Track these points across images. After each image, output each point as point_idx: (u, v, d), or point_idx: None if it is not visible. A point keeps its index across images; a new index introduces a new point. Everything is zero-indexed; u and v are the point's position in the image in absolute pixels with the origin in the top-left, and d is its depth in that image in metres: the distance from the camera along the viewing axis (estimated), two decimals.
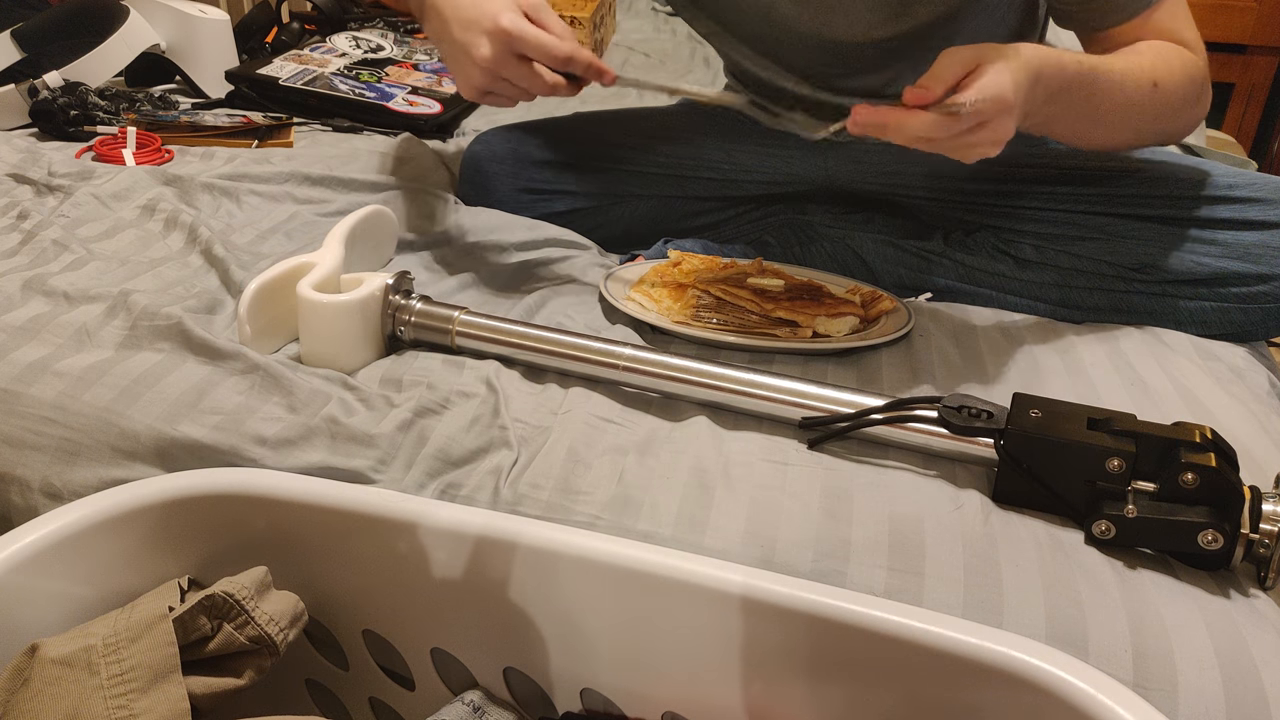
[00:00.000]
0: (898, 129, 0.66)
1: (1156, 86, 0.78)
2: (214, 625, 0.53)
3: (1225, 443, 0.60)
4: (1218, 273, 0.84)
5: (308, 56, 1.44)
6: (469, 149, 1.07)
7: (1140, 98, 0.78)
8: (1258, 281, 0.83)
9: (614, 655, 0.58)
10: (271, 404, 0.69)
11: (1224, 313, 0.85)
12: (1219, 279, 0.84)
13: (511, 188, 1.04)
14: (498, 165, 1.05)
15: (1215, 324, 0.86)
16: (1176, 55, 0.80)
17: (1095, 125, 0.79)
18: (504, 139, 1.05)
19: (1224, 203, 0.86)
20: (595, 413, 0.70)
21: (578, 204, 1.04)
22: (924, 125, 0.66)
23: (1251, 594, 0.58)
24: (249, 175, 1.08)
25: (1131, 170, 0.91)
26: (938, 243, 0.96)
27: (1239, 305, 0.84)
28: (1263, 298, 0.84)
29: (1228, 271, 0.84)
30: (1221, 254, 0.85)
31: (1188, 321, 0.86)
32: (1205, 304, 0.85)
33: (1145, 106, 0.79)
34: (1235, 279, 0.84)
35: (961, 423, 0.64)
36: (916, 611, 0.52)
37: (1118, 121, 0.79)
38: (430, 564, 0.59)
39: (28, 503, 0.67)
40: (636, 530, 0.61)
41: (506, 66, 0.74)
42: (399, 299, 0.77)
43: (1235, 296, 0.84)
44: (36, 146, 1.16)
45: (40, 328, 0.76)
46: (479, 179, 1.05)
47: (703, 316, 0.83)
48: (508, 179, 1.04)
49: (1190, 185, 0.88)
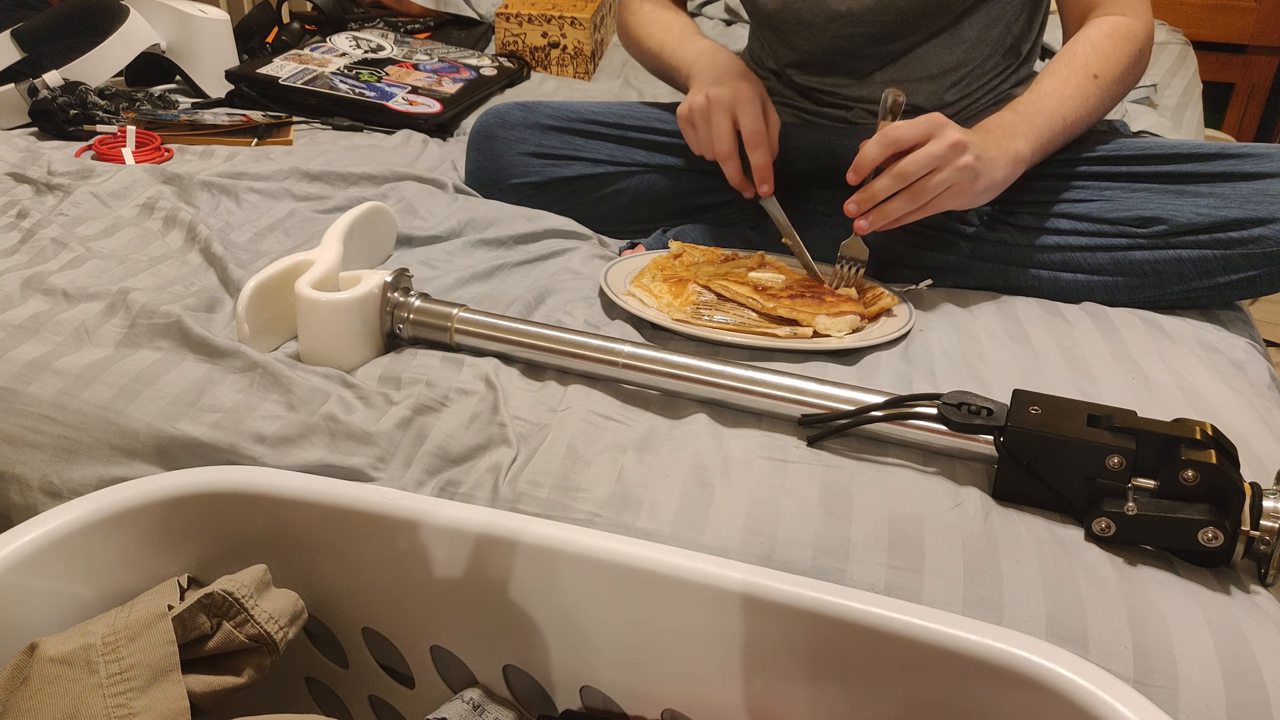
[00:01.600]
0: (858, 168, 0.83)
1: (1097, 77, 0.90)
2: (213, 623, 0.53)
3: (1226, 439, 0.60)
4: (1218, 220, 0.86)
5: (308, 56, 1.44)
6: (480, 118, 1.09)
7: (1090, 94, 0.90)
8: (1257, 225, 0.85)
9: (614, 653, 0.58)
10: (270, 402, 0.69)
11: (1227, 260, 0.86)
12: (1219, 225, 0.86)
13: (519, 152, 1.05)
14: (508, 131, 1.06)
15: (1219, 271, 0.86)
16: (1108, 37, 0.92)
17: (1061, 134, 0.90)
18: (516, 107, 1.07)
19: (1220, 158, 0.89)
20: (594, 410, 0.70)
21: (585, 170, 1.04)
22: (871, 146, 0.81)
23: (1252, 590, 0.58)
24: (248, 173, 1.08)
25: (1125, 141, 0.94)
26: (938, 217, 0.96)
27: (1241, 251, 0.85)
28: (1264, 241, 0.85)
29: (1228, 218, 0.85)
30: (1220, 204, 0.86)
31: (1191, 273, 0.87)
32: (1208, 252, 0.86)
33: (1095, 96, 0.91)
34: (1235, 224, 0.85)
35: (961, 420, 0.64)
36: (916, 609, 0.51)
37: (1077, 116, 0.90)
38: (430, 562, 0.59)
39: (27, 501, 0.67)
40: (636, 527, 0.61)
41: (720, 114, 0.91)
42: (397, 296, 0.77)
43: (1236, 242, 0.85)
44: (36, 146, 1.16)
45: (39, 326, 0.76)
46: (488, 144, 1.06)
47: (703, 314, 0.83)
48: (516, 144, 1.05)
49: (1185, 146, 0.91)
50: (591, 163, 1.04)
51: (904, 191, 0.81)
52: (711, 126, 0.91)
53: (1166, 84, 1.55)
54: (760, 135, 0.90)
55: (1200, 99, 1.55)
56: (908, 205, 0.82)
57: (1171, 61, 1.63)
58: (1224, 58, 2.26)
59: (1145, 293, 0.89)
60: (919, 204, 0.82)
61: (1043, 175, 0.93)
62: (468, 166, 1.09)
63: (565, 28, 1.58)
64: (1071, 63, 0.91)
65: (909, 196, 0.81)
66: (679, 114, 0.95)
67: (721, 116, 0.91)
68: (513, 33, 1.61)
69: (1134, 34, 0.93)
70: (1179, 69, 1.61)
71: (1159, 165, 0.90)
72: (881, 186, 0.81)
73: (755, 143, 0.90)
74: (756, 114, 0.91)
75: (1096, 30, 0.93)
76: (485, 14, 1.79)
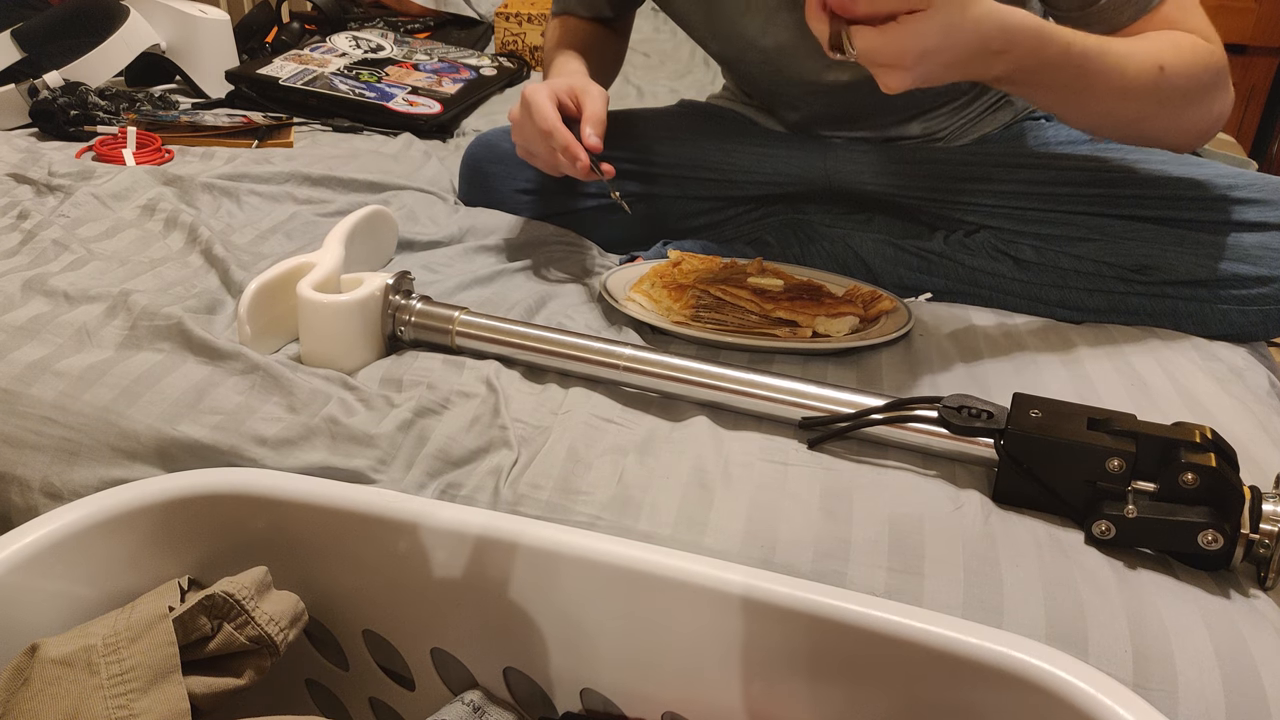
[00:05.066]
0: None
1: (1163, 70, 0.73)
2: (214, 625, 0.53)
3: (1225, 443, 0.60)
4: (1217, 275, 0.84)
5: (308, 56, 1.44)
6: (468, 150, 1.07)
7: (1144, 80, 0.74)
8: (1257, 284, 0.83)
9: (614, 655, 0.58)
10: (271, 404, 0.69)
11: (1223, 315, 0.85)
12: (1218, 281, 0.84)
13: (512, 189, 1.04)
14: (497, 166, 1.05)
15: (1215, 325, 0.85)
16: (1188, 40, 0.76)
17: (1090, 102, 0.75)
18: (504, 139, 1.05)
19: (1223, 204, 0.86)
20: (595, 413, 0.70)
21: (578, 205, 1.04)
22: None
23: (1252, 594, 0.58)
24: (249, 175, 1.08)
25: (1131, 171, 0.91)
26: (938, 243, 0.96)
27: (1238, 307, 0.84)
28: (1263, 300, 0.83)
29: (1227, 274, 0.84)
30: (1221, 256, 0.84)
31: (1187, 323, 0.86)
32: (1204, 305, 0.85)
33: (1149, 90, 0.74)
34: (1235, 281, 0.84)
35: (961, 423, 0.64)
36: (916, 611, 0.52)
37: (1115, 103, 0.75)
38: (430, 564, 0.59)
39: (28, 502, 0.67)
40: (636, 530, 0.61)
41: (521, 126, 0.89)
42: (399, 299, 0.77)
43: (1235, 299, 0.84)
44: (36, 146, 1.16)
45: (40, 327, 0.76)
46: (479, 179, 1.05)
47: (702, 316, 0.83)
48: (508, 179, 1.04)
49: (1189, 186, 0.88)
50: (583, 196, 1.04)
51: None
52: (524, 139, 0.90)
53: None
54: (549, 125, 0.86)
55: None
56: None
57: None
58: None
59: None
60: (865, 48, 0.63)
61: (1045, 205, 0.92)
62: (460, 193, 1.09)
63: None
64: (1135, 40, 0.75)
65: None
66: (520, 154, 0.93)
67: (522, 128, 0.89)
68: (512, 32, 1.61)
69: (1207, 52, 0.77)
70: None
71: (1162, 210, 0.88)
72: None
73: (547, 132, 0.86)
74: (543, 108, 0.86)
75: (1178, 34, 0.77)
76: (485, 14, 1.79)
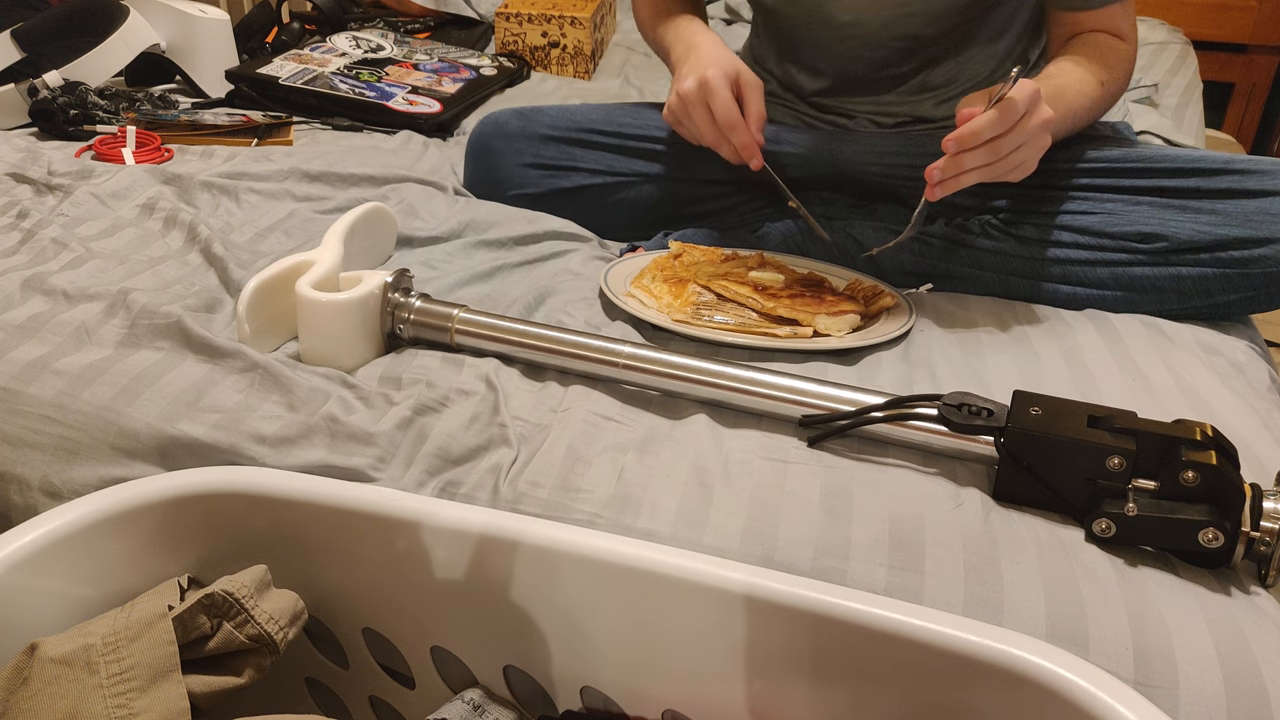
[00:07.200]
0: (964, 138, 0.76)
1: (1103, 84, 0.91)
2: (214, 624, 0.53)
3: (1226, 440, 0.60)
4: (1219, 239, 0.85)
5: (308, 56, 1.44)
6: (477, 126, 1.08)
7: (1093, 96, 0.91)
8: (1258, 245, 0.84)
9: (614, 653, 0.58)
10: (271, 402, 0.69)
11: (1226, 279, 0.86)
12: (1220, 244, 0.85)
13: (518, 163, 1.05)
14: (505, 142, 1.05)
15: (1218, 291, 0.86)
16: (1110, 48, 0.93)
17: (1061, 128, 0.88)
18: (513, 116, 1.06)
19: (1222, 174, 0.88)
20: (595, 410, 0.70)
21: (584, 181, 1.04)
22: (987, 120, 0.75)
23: (1252, 591, 0.58)
24: (248, 173, 1.08)
25: (1130, 146, 0.94)
26: (939, 226, 0.96)
27: (1241, 271, 0.85)
28: (1264, 261, 0.84)
29: (1229, 237, 0.85)
30: (1222, 221, 0.86)
31: (1191, 291, 0.87)
32: (1207, 270, 0.86)
33: (1096, 101, 0.92)
34: (1236, 244, 0.85)
35: (961, 420, 0.64)
36: (917, 609, 0.51)
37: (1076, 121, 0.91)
38: (430, 562, 0.59)
39: (27, 501, 0.67)
40: (636, 528, 0.61)
41: (695, 109, 0.91)
42: (398, 297, 0.77)
43: (1237, 261, 0.85)
44: (36, 146, 1.16)
45: (39, 326, 0.76)
46: (486, 155, 1.06)
47: (703, 314, 0.83)
48: (514, 155, 1.05)
49: (1189, 159, 0.90)
50: (590, 173, 1.04)
51: (986, 166, 0.78)
52: (693, 121, 0.92)
53: (1167, 84, 1.55)
54: (733, 120, 0.90)
55: (1200, 99, 1.55)
56: (982, 177, 0.78)
57: (1172, 61, 1.63)
58: (1224, 57, 2.26)
59: (1144, 309, 0.88)
60: (992, 177, 0.79)
61: (1045, 185, 0.93)
62: (466, 176, 1.09)
63: (565, 27, 1.58)
64: (1079, 65, 0.91)
65: (988, 170, 0.78)
66: (664, 117, 0.96)
67: (697, 110, 0.91)
68: (513, 32, 1.61)
69: (1129, 57, 0.94)
70: (1179, 69, 1.61)
71: (1162, 179, 0.90)
72: (974, 161, 0.77)
73: (730, 127, 0.90)
74: (727, 100, 0.90)
75: (1097, 42, 0.93)
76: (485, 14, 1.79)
